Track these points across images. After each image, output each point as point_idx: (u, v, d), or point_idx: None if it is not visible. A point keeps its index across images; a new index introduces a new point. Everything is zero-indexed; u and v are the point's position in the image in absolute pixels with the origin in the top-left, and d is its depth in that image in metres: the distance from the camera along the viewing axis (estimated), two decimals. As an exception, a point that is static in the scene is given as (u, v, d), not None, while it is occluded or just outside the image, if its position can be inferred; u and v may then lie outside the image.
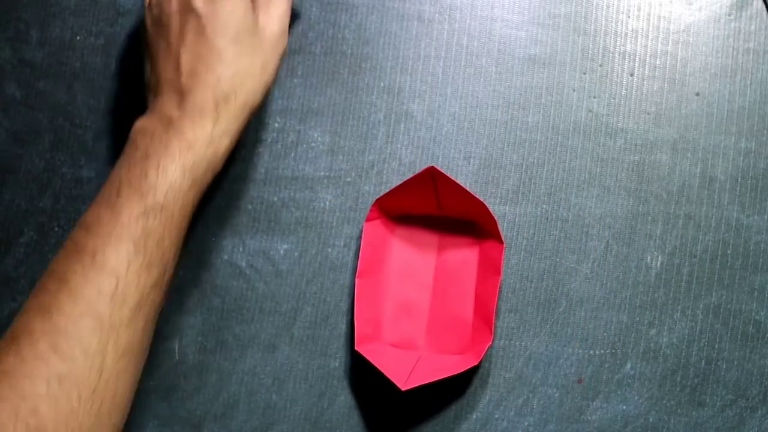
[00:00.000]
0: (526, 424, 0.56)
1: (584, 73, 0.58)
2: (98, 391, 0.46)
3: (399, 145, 0.58)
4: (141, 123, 0.50)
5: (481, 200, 0.54)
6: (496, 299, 0.54)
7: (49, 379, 0.44)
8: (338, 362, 0.57)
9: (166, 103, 0.49)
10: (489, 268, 0.56)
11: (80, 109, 0.58)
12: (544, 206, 0.57)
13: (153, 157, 0.48)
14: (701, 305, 0.57)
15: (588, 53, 0.58)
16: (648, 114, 0.58)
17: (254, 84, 0.51)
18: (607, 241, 0.57)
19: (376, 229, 0.56)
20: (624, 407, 0.56)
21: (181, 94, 0.49)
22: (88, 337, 0.45)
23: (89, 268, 0.46)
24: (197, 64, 0.49)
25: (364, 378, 0.57)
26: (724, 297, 0.57)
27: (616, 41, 0.58)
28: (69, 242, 0.48)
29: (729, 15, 0.58)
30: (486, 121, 0.58)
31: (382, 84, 0.58)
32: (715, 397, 0.56)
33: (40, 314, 0.45)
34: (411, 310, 0.57)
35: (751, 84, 0.58)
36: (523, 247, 0.57)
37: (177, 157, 0.48)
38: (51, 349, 0.45)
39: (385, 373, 0.53)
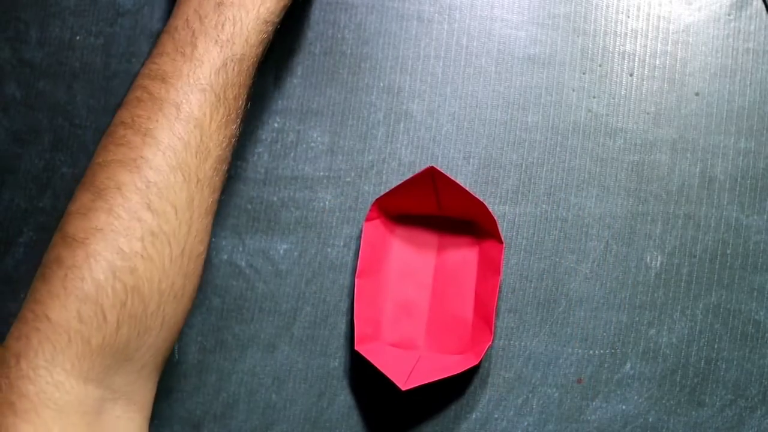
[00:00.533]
0: (526, 424, 0.56)
1: (584, 73, 0.58)
2: (186, 249, 0.45)
3: (399, 145, 0.58)
4: None
5: (481, 200, 0.54)
6: (496, 299, 0.54)
7: (144, 237, 0.43)
8: (338, 362, 0.57)
9: None
10: (489, 268, 0.56)
11: (80, 109, 0.58)
12: (544, 206, 0.57)
13: (227, 6, 0.47)
14: (701, 305, 0.57)
15: (588, 53, 0.58)
16: (647, 114, 0.58)
17: None
18: (607, 241, 0.57)
19: (375, 229, 0.56)
20: (623, 407, 0.56)
21: None
22: (178, 193, 0.44)
23: (174, 121, 0.44)
24: None
25: (364, 378, 0.57)
26: (723, 297, 0.57)
27: (615, 41, 0.58)
28: (142, 94, 0.46)
29: (729, 15, 0.58)
30: (486, 121, 0.58)
31: (381, 84, 0.58)
32: (715, 397, 0.56)
33: (128, 168, 0.44)
34: (411, 310, 0.57)
35: (750, 84, 0.58)
36: (522, 247, 0.57)
37: (251, 9, 0.47)
38: (144, 205, 0.43)
39: (385, 373, 0.53)
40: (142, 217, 0.43)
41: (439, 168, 0.56)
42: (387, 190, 0.57)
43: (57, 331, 0.41)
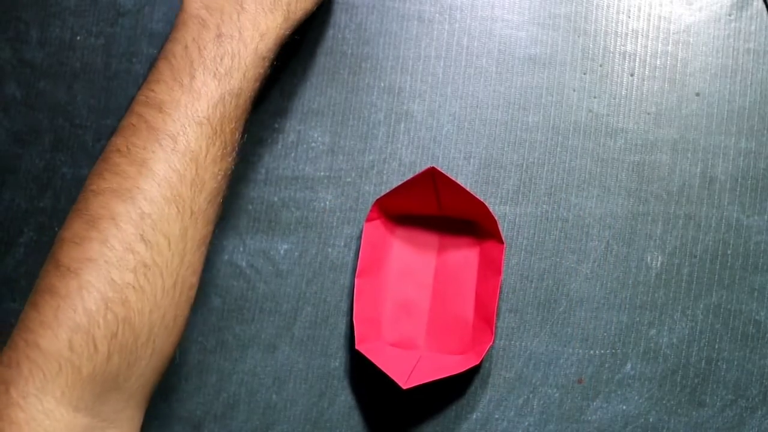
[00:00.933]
0: (526, 424, 0.56)
1: (584, 74, 0.58)
2: (179, 281, 0.45)
3: (399, 145, 0.58)
4: (196, 4, 0.47)
5: (482, 200, 0.54)
6: (497, 299, 0.54)
7: (136, 269, 0.43)
8: (338, 362, 0.57)
9: None
10: (489, 268, 0.56)
11: (80, 109, 0.58)
12: (545, 206, 0.57)
13: (226, 39, 0.46)
14: (701, 305, 0.57)
15: (588, 53, 0.58)
16: (648, 114, 0.58)
17: None
18: (608, 241, 0.57)
19: (376, 230, 0.56)
20: (624, 407, 0.56)
21: None
22: (172, 225, 0.44)
23: (171, 152, 0.44)
24: None
25: (364, 378, 0.57)
26: (724, 297, 0.57)
27: (616, 41, 0.58)
28: (139, 122, 0.45)
29: (729, 15, 0.58)
30: (486, 121, 0.58)
31: (382, 84, 0.58)
32: (715, 398, 0.56)
33: (122, 198, 0.44)
34: (411, 310, 0.57)
35: (751, 84, 0.58)
36: (523, 247, 0.57)
37: (249, 43, 0.46)
38: (137, 236, 0.43)
39: (386, 372, 0.52)
40: (135, 248, 0.43)
41: (439, 168, 0.55)
42: (387, 191, 0.57)
43: (48, 359, 0.42)
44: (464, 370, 0.53)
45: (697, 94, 0.58)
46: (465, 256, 0.57)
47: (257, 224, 0.58)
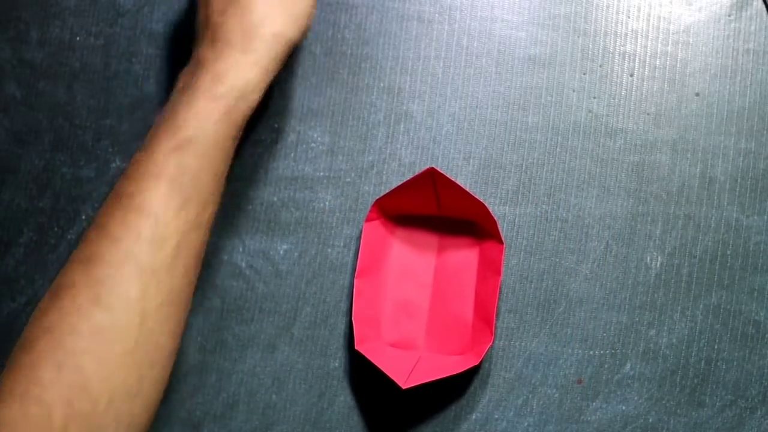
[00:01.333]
0: (526, 424, 0.56)
1: (584, 74, 0.58)
2: (140, 342, 0.44)
3: (399, 146, 0.58)
4: (183, 71, 0.50)
5: (481, 201, 0.54)
6: (497, 300, 0.54)
7: (91, 333, 0.43)
8: (338, 362, 0.57)
9: (201, 45, 0.49)
10: (489, 269, 0.56)
11: (80, 109, 0.58)
12: (544, 207, 0.57)
13: (183, 94, 0.47)
14: (701, 306, 0.57)
15: (588, 54, 0.58)
16: (648, 114, 0.58)
17: (285, 15, 0.49)
18: (607, 242, 0.57)
19: (375, 230, 0.56)
20: (623, 407, 0.56)
21: (213, 33, 0.48)
22: (127, 285, 0.44)
23: (127, 212, 0.45)
24: (227, 2, 0.49)
25: (364, 378, 0.57)
26: (723, 297, 0.57)
27: (616, 42, 0.58)
28: (111, 191, 0.47)
29: (729, 15, 0.58)
30: (486, 121, 0.58)
31: (381, 84, 0.58)
32: (715, 398, 0.56)
33: (82, 265, 0.44)
34: (411, 310, 0.57)
35: (751, 84, 0.58)
36: (522, 248, 0.57)
37: (203, 89, 0.47)
38: (92, 300, 0.43)
39: (386, 372, 0.53)
40: (89, 313, 0.43)
41: (439, 169, 0.55)
42: (387, 191, 0.57)
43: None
44: (464, 370, 0.53)
45: (697, 95, 0.58)
46: (465, 257, 0.57)
47: (257, 224, 0.58)
